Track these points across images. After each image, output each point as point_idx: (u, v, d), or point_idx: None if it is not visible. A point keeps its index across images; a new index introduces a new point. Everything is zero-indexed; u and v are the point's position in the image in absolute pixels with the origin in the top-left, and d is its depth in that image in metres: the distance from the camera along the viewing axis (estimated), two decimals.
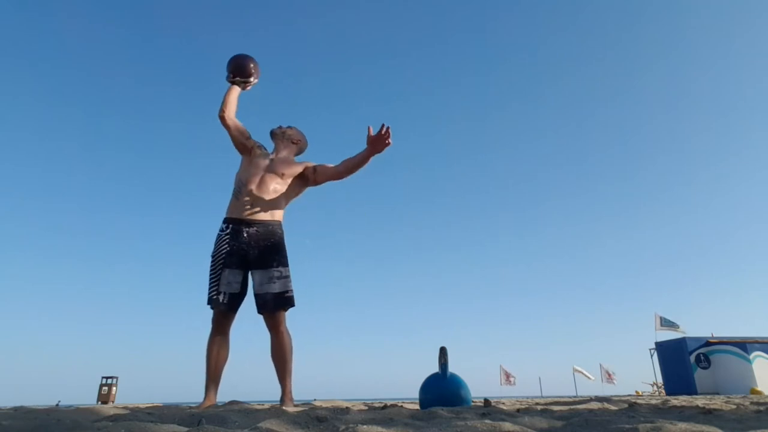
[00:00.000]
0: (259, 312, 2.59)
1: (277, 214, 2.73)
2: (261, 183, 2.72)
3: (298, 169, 2.84)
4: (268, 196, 2.70)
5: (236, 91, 2.96)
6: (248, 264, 2.62)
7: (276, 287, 2.57)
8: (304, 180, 2.86)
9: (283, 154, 2.91)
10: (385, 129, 2.62)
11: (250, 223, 2.64)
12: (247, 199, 2.68)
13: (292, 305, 2.61)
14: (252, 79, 3.03)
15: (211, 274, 2.62)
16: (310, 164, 2.89)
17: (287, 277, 2.62)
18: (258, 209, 2.67)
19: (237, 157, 2.92)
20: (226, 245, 2.62)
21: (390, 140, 2.64)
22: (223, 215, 2.73)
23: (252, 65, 3.02)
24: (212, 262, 2.64)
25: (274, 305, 2.56)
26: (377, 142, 2.65)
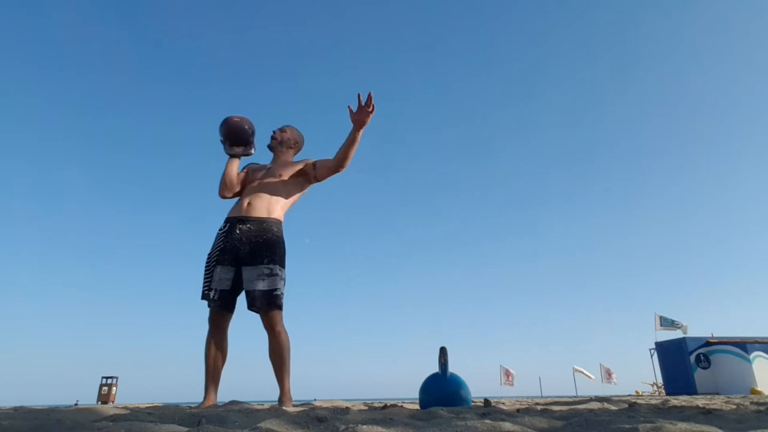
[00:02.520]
0: (249, 308, 2.55)
1: (275, 213, 2.69)
2: (260, 185, 2.75)
3: (297, 167, 2.82)
4: (265, 196, 2.70)
5: (236, 165, 2.80)
6: (240, 260, 2.58)
7: (264, 285, 2.50)
8: (305, 177, 2.83)
9: (282, 158, 2.92)
10: (366, 98, 2.49)
11: (244, 221, 2.63)
12: (245, 199, 2.71)
13: (279, 306, 2.52)
14: (252, 150, 2.82)
15: (205, 272, 2.64)
16: (310, 161, 2.85)
17: (277, 275, 2.53)
18: (254, 207, 2.67)
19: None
20: (221, 243, 2.63)
21: (372, 106, 2.51)
22: (222, 215, 2.77)
23: (248, 128, 2.75)
24: (207, 259, 2.66)
25: (262, 304, 2.49)
26: (360, 114, 2.53)
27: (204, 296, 2.59)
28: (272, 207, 2.69)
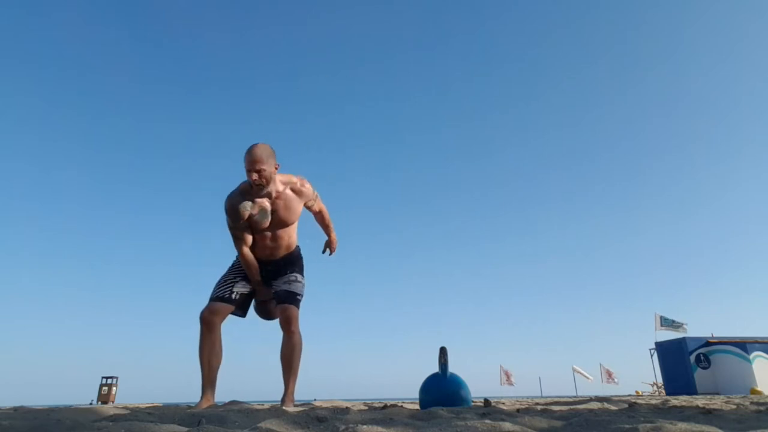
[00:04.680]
0: (277, 302, 2.71)
1: (293, 245, 2.84)
2: (273, 235, 2.67)
3: (301, 205, 2.74)
4: (283, 239, 2.74)
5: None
6: (269, 280, 2.77)
7: (291, 287, 2.71)
8: (305, 205, 2.81)
9: (279, 196, 2.60)
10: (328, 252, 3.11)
11: (269, 263, 2.75)
12: (266, 249, 2.70)
13: (298, 305, 2.70)
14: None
15: (224, 278, 2.71)
16: (310, 201, 2.78)
17: (301, 282, 2.77)
18: (276, 254, 2.75)
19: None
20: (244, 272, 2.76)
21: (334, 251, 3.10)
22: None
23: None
24: (231, 269, 2.75)
25: (284, 299, 2.67)
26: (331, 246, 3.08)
27: (217, 298, 2.62)
28: (291, 243, 2.81)
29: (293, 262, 2.80)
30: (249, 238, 2.63)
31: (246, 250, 2.63)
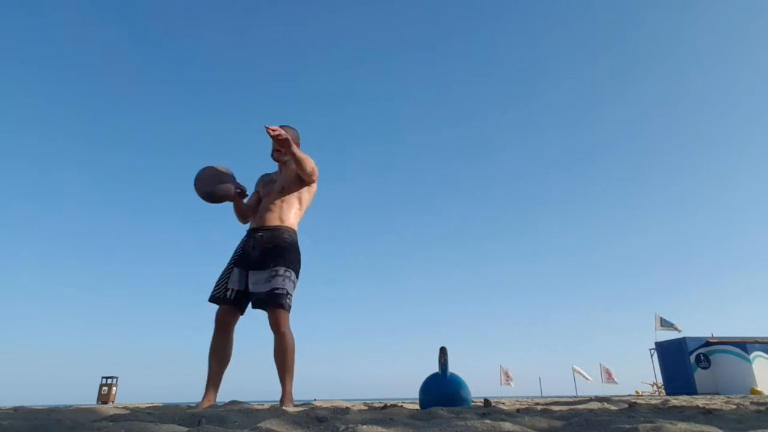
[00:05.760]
0: (254, 307, 2.64)
1: (288, 221, 2.81)
2: (269, 198, 2.88)
3: (293, 176, 2.90)
4: (276, 207, 2.82)
5: (236, 204, 2.92)
6: (250, 266, 2.67)
7: (268, 286, 2.56)
8: (302, 182, 2.89)
9: (286, 167, 2.96)
10: (267, 131, 2.61)
11: (258, 230, 2.77)
12: (259, 213, 2.85)
13: (282, 305, 2.53)
14: (235, 192, 2.82)
15: (222, 273, 2.72)
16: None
17: (282, 276, 2.58)
18: (267, 219, 2.79)
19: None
20: (239, 249, 2.78)
21: (272, 133, 2.59)
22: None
23: (213, 191, 2.75)
24: (227, 265, 2.75)
25: (267, 303, 2.54)
26: (276, 143, 2.83)
27: (215, 299, 2.64)
28: (284, 216, 2.81)
29: (280, 252, 2.64)
30: (251, 201, 3.00)
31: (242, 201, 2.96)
